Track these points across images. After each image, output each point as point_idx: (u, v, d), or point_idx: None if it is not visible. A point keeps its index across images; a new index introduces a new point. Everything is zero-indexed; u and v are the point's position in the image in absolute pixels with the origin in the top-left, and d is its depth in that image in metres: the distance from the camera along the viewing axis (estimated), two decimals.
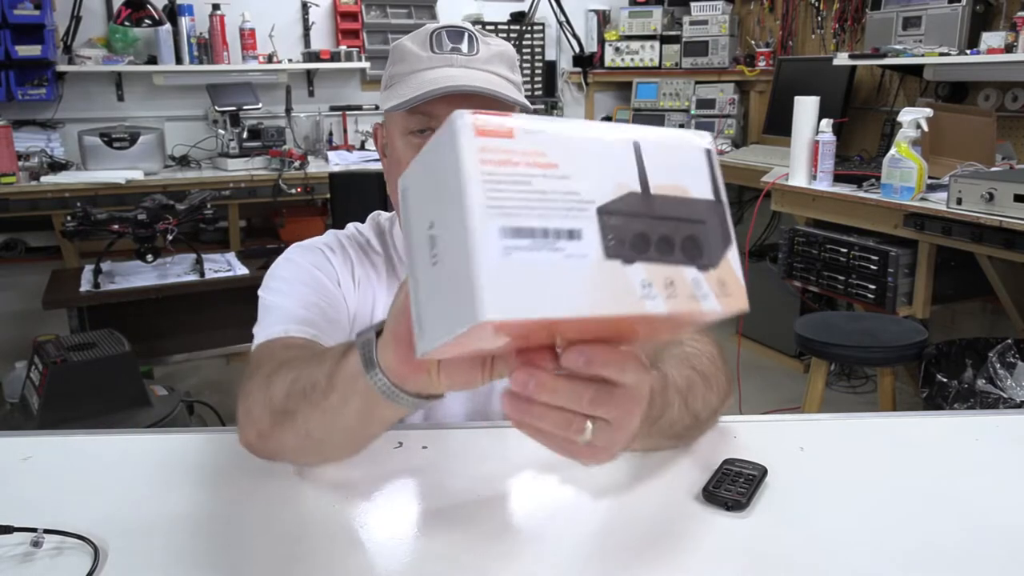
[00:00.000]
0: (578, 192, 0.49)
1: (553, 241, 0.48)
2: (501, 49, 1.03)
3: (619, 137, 0.52)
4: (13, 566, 0.71)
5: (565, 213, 0.49)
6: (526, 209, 0.47)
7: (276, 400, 0.79)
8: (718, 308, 0.53)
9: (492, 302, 0.45)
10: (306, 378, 0.75)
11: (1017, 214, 2.25)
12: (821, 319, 2.63)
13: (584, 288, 0.48)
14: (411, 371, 0.62)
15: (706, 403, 0.90)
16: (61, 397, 2.12)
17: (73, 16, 3.62)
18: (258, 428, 0.82)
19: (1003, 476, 0.89)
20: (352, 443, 0.81)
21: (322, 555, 0.72)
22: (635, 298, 0.50)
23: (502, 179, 0.47)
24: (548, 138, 0.49)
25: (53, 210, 3.32)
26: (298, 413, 0.76)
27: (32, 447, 0.96)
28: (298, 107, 4.11)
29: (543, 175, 0.49)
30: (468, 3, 4.35)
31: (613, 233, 0.50)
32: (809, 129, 2.92)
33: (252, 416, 0.83)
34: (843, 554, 0.73)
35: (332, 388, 0.71)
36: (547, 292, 0.47)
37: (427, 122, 0.99)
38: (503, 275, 0.46)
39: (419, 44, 1.01)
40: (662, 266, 0.51)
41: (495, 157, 0.47)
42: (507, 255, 0.46)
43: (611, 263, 0.49)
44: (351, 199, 3.06)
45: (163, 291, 2.78)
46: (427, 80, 0.96)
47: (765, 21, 4.13)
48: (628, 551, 0.74)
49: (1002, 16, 2.97)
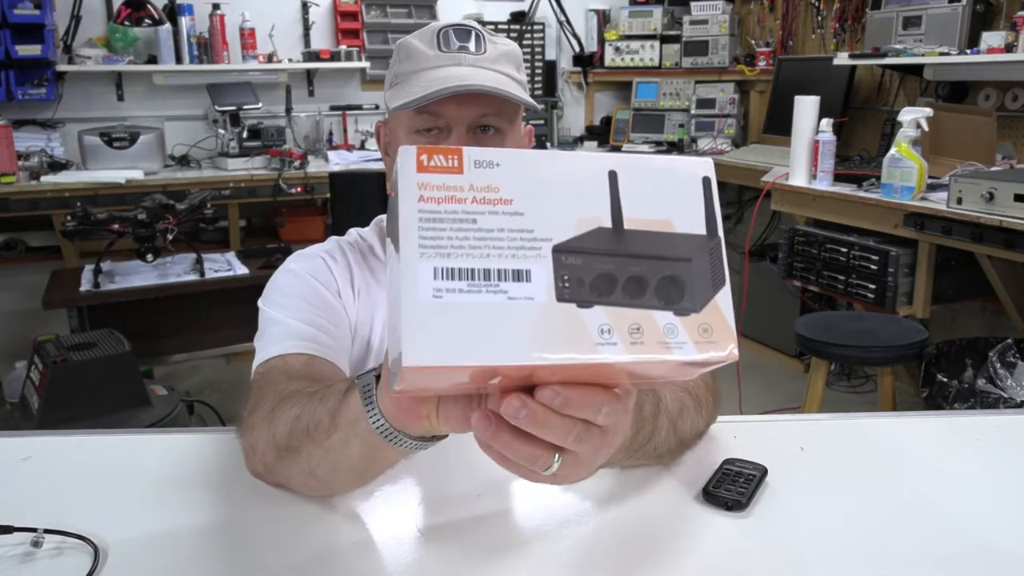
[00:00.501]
0: (532, 230, 0.47)
1: (495, 283, 0.45)
2: (508, 49, 1.02)
3: (594, 166, 0.49)
4: (13, 566, 0.71)
5: (513, 253, 0.46)
6: (466, 249, 0.45)
7: (280, 437, 0.78)
8: (696, 358, 0.47)
9: (413, 348, 0.43)
10: (308, 416, 0.74)
11: (1017, 214, 2.25)
12: (821, 319, 2.63)
13: (526, 334, 0.45)
14: (409, 415, 0.60)
15: (693, 427, 0.91)
16: (61, 397, 2.12)
17: (73, 16, 3.62)
18: (264, 463, 0.82)
19: (1003, 476, 0.89)
20: (357, 480, 0.78)
21: (322, 555, 0.72)
22: (589, 345, 0.46)
23: (442, 217, 0.45)
24: (504, 172, 0.47)
25: (53, 210, 3.32)
26: (302, 450, 0.75)
27: (32, 447, 0.96)
28: (298, 107, 4.11)
29: (491, 212, 0.46)
30: (468, 3, 4.35)
31: (569, 273, 0.46)
32: (809, 129, 2.92)
33: (257, 451, 0.82)
34: (843, 554, 0.73)
35: (335, 428, 0.70)
36: (481, 337, 0.44)
37: (434, 121, 0.97)
38: (430, 319, 0.44)
39: (426, 42, 0.99)
40: (629, 310, 0.47)
41: (437, 194, 0.45)
42: (438, 297, 0.44)
43: (563, 307, 0.46)
44: (351, 199, 3.06)
45: (163, 291, 2.78)
46: (435, 79, 0.95)
47: (765, 21, 4.13)
48: (628, 551, 0.74)
49: (1002, 16, 2.97)
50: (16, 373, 3.04)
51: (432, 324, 0.44)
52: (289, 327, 0.96)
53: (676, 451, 0.90)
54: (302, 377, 0.86)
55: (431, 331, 0.44)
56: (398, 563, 0.72)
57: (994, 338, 2.68)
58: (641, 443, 0.80)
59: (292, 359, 0.91)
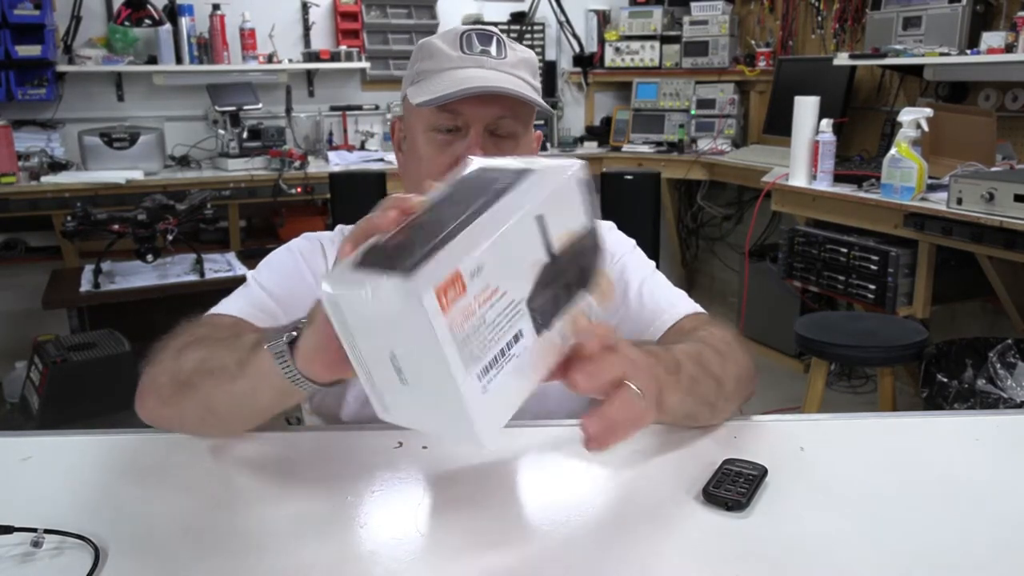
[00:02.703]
0: (513, 299, 0.57)
1: (508, 354, 0.57)
2: (526, 56, 1.06)
3: (524, 215, 0.58)
4: (13, 566, 0.71)
5: (509, 325, 0.57)
6: (486, 344, 0.55)
7: (183, 373, 0.84)
8: (601, 313, 0.65)
9: (487, 433, 0.57)
10: (216, 360, 0.81)
11: (1017, 214, 2.25)
12: (821, 319, 2.63)
13: (531, 370, 0.60)
14: (335, 373, 0.69)
15: (724, 369, 0.92)
16: (61, 397, 2.13)
17: (73, 16, 3.62)
18: (160, 395, 0.88)
19: (1003, 476, 0.89)
20: (257, 420, 0.87)
21: (322, 555, 0.72)
22: (559, 349, 0.63)
23: (467, 333, 0.54)
24: (489, 269, 0.55)
25: (53, 210, 3.32)
26: (201, 388, 0.82)
27: (32, 447, 0.96)
28: (298, 107, 4.11)
29: (491, 305, 0.55)
30: (468, 3, 4.35)
31: (539, 313, 0.59)
32: (809, 129, 2.92)
33: (156, 383, 0.88)
34: (843, 554, 0.73)
35: (241, 375, 0.77)
36: (514, 393, 0.59)
37: (453, 120, 1.00)
38: (487, 407, 0.56)
39: (449, 43, 1.02)
40: (569, 310, 0.62)
41: (458, 320, 0.53)
42: (485, 391, 0.56)
43: (542, 336, 0.60)
44: (351, 199, 3.06)
45: (163, 291, 2.78)
46: (458, 79, 0.97)
47: (765, 21, 4.13)
48: (628, 550, 0.74)
49: (1002, 16, 2.97)
50: (16, 373, 3.04)
51: (490, 409, 0.57)
52: (249, 294, 1.02)
53: (719, 396, 0.92)
54: (223, 331, 0.92)
55: (491, 414, 0.57)
56: (398, 563, 0.72)
57: (994, 338, 2.68)
58: (672, 373, 0.82)
59: (227, 318, 0.98)
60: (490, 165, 0.65)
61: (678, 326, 1.05)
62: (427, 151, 1.02)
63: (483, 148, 1.00)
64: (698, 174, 4.02)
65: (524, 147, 1.06)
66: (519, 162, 0.64)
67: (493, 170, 0.63)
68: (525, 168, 0.62)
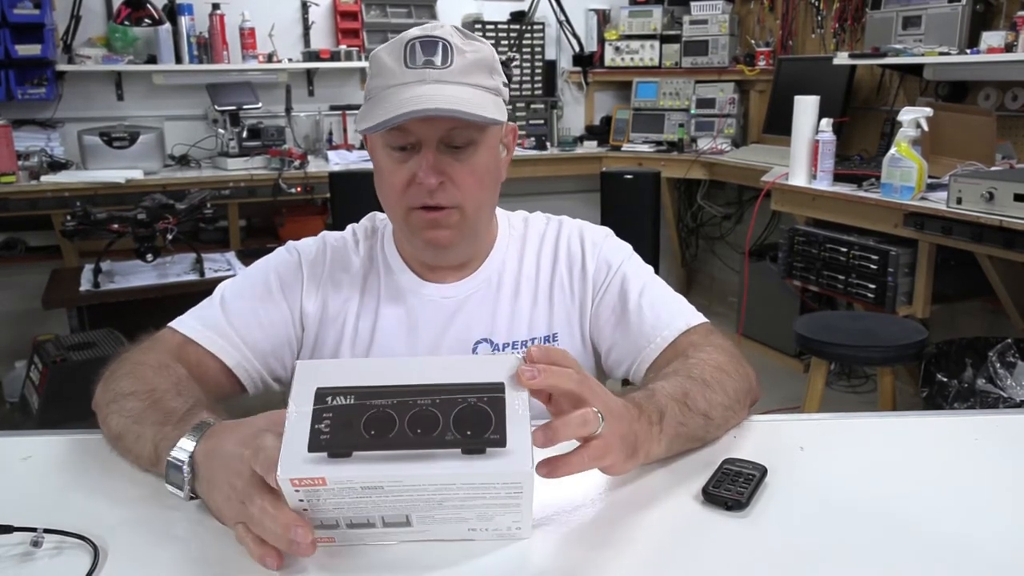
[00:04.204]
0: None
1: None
2: (478, 56, 1.01)
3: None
4: (13, 566, 0.71)
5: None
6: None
7: (110, 429, 0.92)
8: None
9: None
10: (135, 440, 0.87)
11: (1017, 214, 2.25)
12: (821, 319, 2.63)
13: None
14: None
15: (711, 402, 0.93)
16: (61, 397, 2.13)
17: (73, 16, 3.62)
18: (98, 405, 0.96)
19: (1003, 476, 0.89)
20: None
21: (322, 554, 0.72)
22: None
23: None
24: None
25: (53, 210, 3.31)
26: (123, 454, 0.91)
27: (32, 447, 0.96)
28: (298, 106, 4.11)
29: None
30: (468, 3, 4.34)
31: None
32: (809, 129, 2.92)
33: (98, 407, 0.96)
34: (843, 554, 0.73)
35: (153, 468, 0.85)
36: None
37: (405, 138, 1.01)
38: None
39: (394, 57, 1.00)
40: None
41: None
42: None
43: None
44: (351, 198, 3.06)
45: (163, 291, 2.78)
46: (398, 101, 0.96)
47: (765, 20, 4.13)
48: (628, 550, 0.74)
49: (1002, 16, 2.97)
50: (16, 373, 3.04)
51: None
52: (208, 316, 1.08)
53: (708, 428, 0.93)
54: (169, 355, 1.02)
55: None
56: (397, 563, 0.72)
57: (994, 338, 2.68)
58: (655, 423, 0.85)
59: (179, 337, 1.05)
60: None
61: (674, 345, 1.07)
62: (386, 165, 1.04)
63: (437, 162, 1.00)
64: (698, 174, 4.02)
65: (485, 152, 1.03)
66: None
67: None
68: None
